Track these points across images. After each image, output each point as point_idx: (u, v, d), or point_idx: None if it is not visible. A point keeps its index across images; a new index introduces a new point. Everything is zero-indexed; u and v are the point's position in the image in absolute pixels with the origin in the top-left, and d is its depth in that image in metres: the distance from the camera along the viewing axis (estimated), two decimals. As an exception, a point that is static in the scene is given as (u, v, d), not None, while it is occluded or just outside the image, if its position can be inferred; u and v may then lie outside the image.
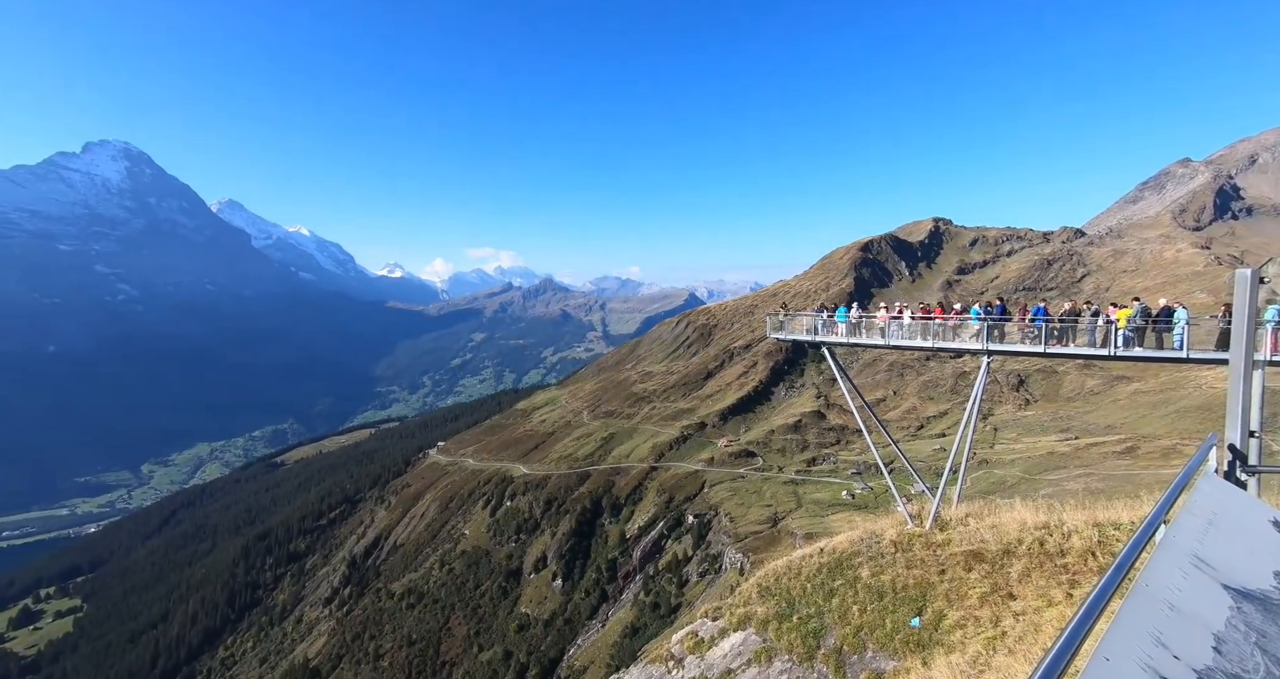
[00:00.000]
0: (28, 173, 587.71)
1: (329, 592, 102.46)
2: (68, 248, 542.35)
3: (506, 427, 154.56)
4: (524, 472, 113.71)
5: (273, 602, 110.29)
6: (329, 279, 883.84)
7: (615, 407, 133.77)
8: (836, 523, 49.69)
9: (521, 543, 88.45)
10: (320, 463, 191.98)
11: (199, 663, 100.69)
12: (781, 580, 14.79)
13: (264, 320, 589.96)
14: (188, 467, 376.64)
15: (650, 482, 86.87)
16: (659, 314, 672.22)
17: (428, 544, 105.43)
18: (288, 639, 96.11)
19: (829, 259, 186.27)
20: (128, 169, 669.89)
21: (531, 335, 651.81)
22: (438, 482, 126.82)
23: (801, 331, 19.42)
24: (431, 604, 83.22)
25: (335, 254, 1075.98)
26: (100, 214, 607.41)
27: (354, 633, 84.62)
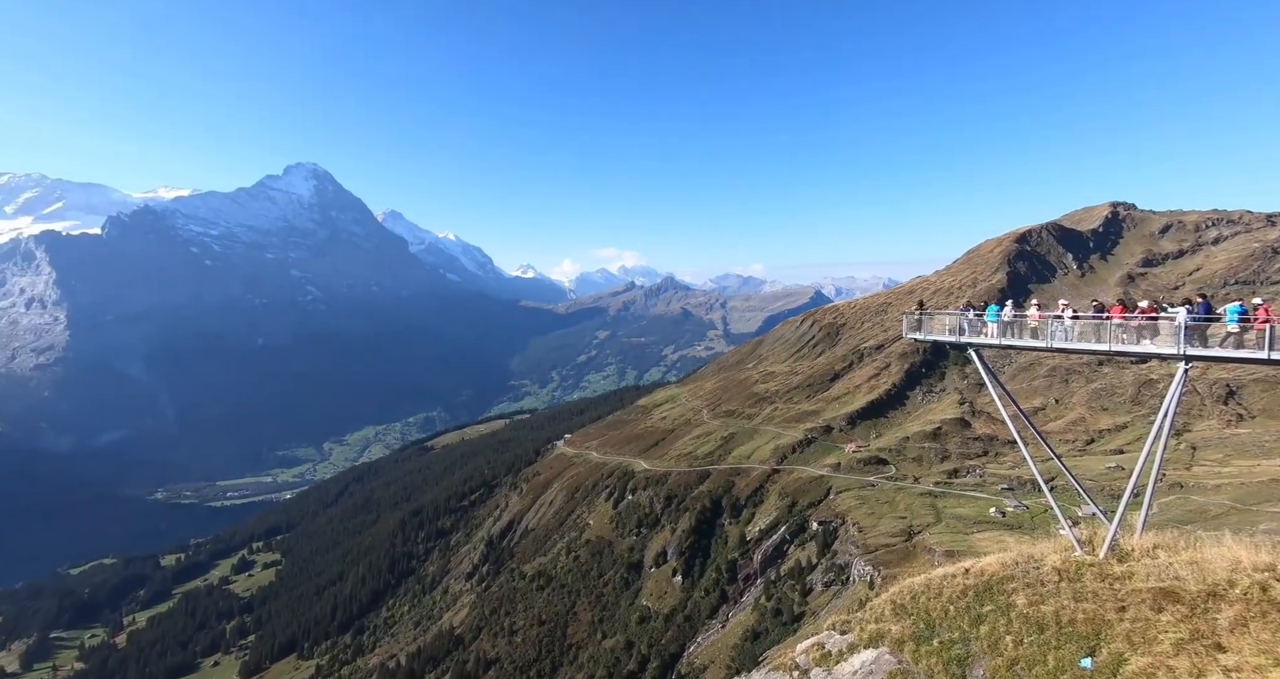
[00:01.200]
0: (246, 194, 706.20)
1: (470, 568, 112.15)
2: (273, 256, 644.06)
3: (628, 422, 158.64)
4: (645, 467, 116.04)
5: (424, 572, 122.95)
6: (471, 280, 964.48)
7: (735, 406, 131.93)
8: (983, 543, 44.99)
9: (642, 537, 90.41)
10: (463, 449, 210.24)
11: (367, 619, 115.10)
12: (919, 599, 13.70)
13: (418, 318, 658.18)
14: (358, 446, 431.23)
15: (772, 484, 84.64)
16: (782, 312, 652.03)
17: (555, 531, 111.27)
18: (436, 607, 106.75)
19: (976, 253, 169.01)
20: (315, 187, 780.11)
21: (652, 333, 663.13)
22: (564, 472, 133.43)
23: (943, 332, 17.78)
24: (559, 588, 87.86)
25: (476, 257, 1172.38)
26: (295, 226, 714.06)
27: (491, 607, 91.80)
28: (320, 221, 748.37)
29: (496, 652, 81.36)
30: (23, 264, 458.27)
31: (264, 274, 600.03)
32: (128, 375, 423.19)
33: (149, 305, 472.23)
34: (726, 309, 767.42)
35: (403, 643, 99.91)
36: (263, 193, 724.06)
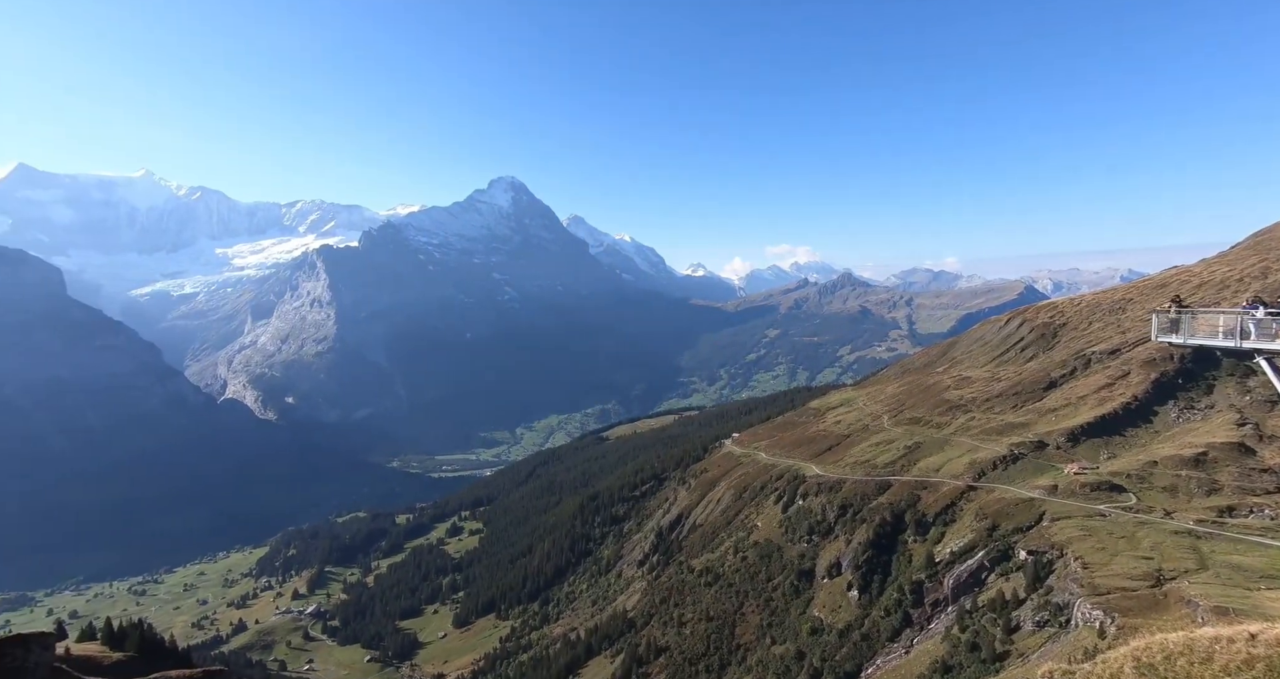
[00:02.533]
0: (459, 207, 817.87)
1: (641, 556, 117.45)
2: (478, 261, 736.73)
3: (799, 424, 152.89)
4: (817, 472, 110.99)
5: (600, 555, 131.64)
6: (644, 279, 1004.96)
7: (922, 413, 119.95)
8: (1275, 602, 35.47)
9: (814, 545, 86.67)
10: (636, 441, 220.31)
11: (551, 591, 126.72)
12: (1177, 664, 11.26)
13: (597, 316, 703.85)
14: (544, 432, 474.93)
15: (966, 502, 75.50)
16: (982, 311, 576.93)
17: (723, 529, 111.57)
18: (611, 589, 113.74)
19: (1270, 235, 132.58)
20: (512, 198, 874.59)
21: (827, 332, 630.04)
22: (732, 471, 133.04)
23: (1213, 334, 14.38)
24: (726, 587, 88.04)
25: (649, 257, 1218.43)
26: (496, 234, 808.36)
27: (661, 597, 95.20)
28: (515, 228, 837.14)
29: (666, 640, 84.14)
30: (308, 272, 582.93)
31: (471, 277, 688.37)
32: (374, 363, 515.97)
33: (388, 305, 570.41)
34: (912, 307, 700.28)
35: (582, 618, 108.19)
36: (472, 205, 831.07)
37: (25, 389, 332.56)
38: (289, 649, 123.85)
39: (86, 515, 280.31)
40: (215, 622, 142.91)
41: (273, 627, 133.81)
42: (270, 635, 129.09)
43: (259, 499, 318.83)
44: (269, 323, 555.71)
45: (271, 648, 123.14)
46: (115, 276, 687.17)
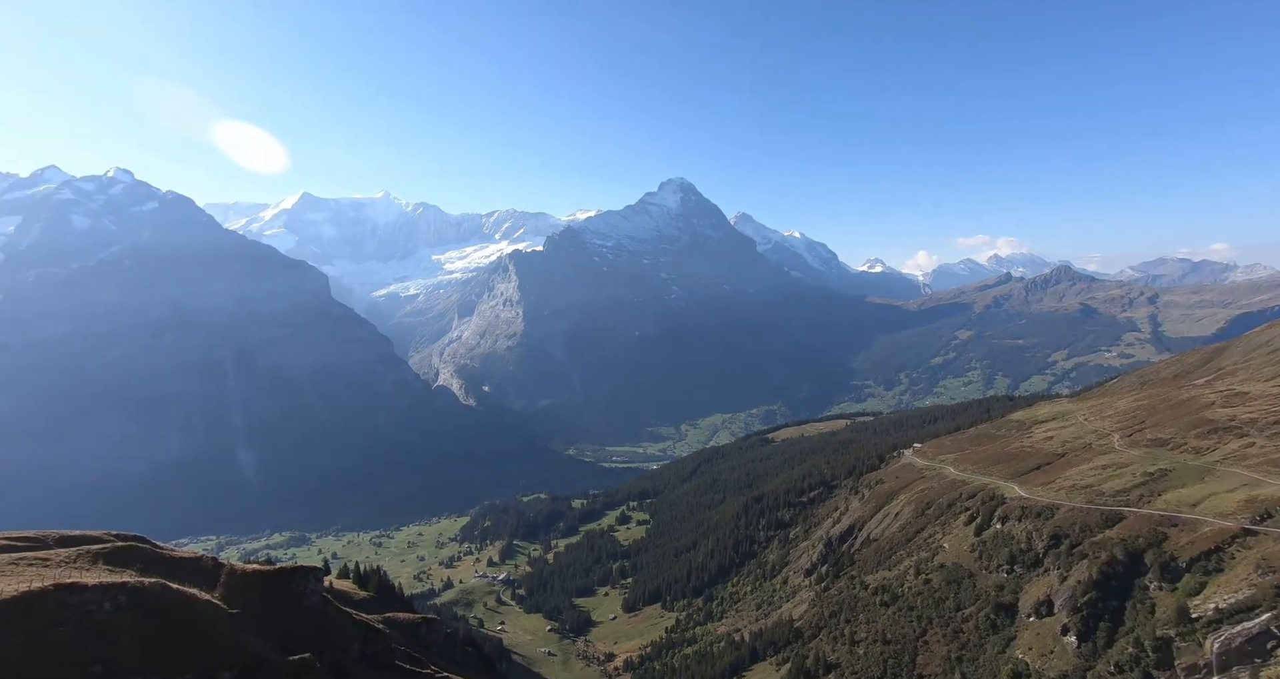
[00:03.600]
0: (631, 210, 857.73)
1: (809, 564, 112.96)
2: (647, 262, 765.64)
3: (997, 438, 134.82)
4: (1020, 494, 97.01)
5: (764, 558, 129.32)
6: (814, 276, 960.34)
7: (1171, 434, 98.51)
8: None
9: (1016, 576, 75.92)
10: (802, 445, 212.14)
11: (714, 589, 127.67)
12: None
13: (763, 315, 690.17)
14: (708, 431, 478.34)
15: (1240, 549, 60.43)
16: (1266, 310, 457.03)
17: (901, 546, 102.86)
18: (776, 595, 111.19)
19: None
20: (681, 199, 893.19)
21: (1034, 334, 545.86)
22: (912, 484, 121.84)
23: None
24: (906, 609, 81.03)
25: (820, 253, 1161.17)
26: (664, 235, 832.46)
27: (831, 610, 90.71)
28: (683, 229, 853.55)
29: (837, 657, 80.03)
30: (501, 275, 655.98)
31: (640, 277, 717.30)
32: (555, 357, 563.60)
33: (568, 303, 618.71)
34: (1157, 305, 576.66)
35: (746, 620, 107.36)
36: (642, 208, 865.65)
37: (303, 372, 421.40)
38: (485, 609, 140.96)
39: (342, 476, 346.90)
40: (430, 576, 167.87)
41: (472, 588, 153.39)
42: (470, 595, 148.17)
43: (462, 473, 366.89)
44: (471, 320, 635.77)
45: (471, 606, 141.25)
46: (362, 281, 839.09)
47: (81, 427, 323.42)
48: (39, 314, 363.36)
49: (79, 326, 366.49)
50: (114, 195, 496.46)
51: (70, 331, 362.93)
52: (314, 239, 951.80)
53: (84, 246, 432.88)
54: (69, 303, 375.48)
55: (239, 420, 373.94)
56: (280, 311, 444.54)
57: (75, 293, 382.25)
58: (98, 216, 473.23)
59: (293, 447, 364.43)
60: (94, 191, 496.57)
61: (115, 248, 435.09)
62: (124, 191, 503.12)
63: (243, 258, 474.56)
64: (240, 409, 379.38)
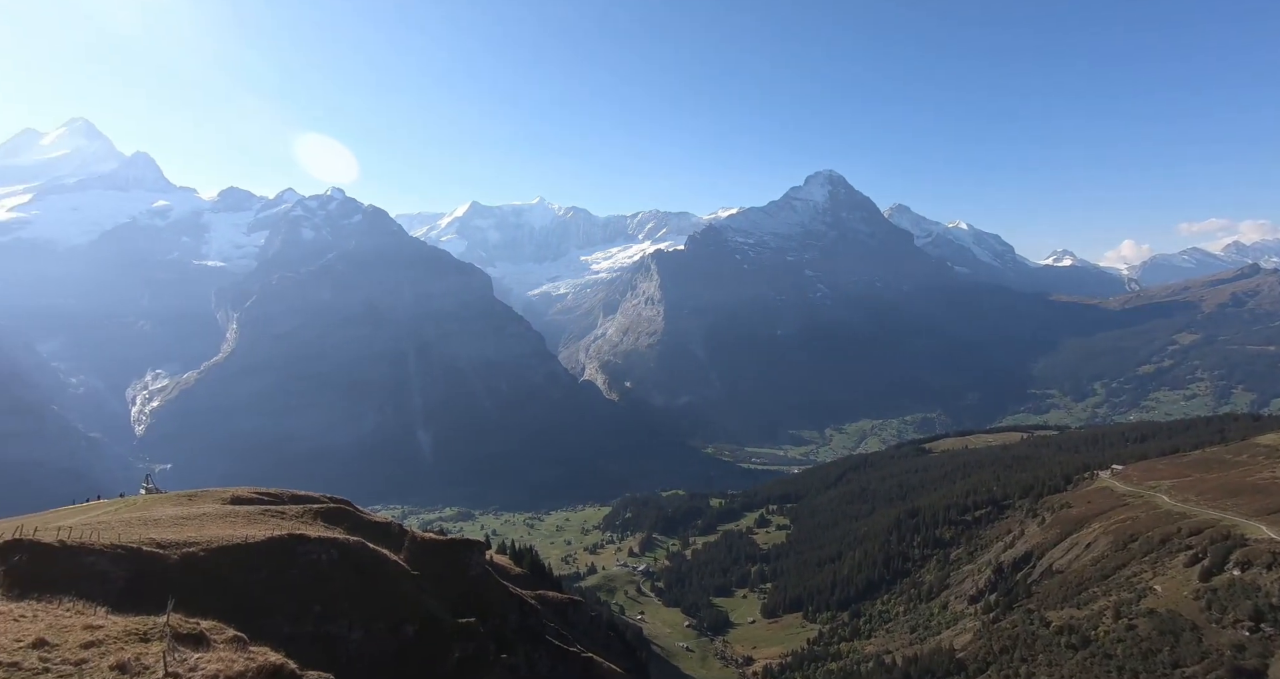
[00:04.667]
0: (774, 206, 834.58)
1: (974, 590, 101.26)
2: (791, 259, 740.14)
3: (1236, 465, 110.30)
4: (1270, 536, 78.40)
5: (920, 578, 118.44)
6: (984, 272, 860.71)
7: None
8: None
9: (1264, 638, 61.24)
10: (966, 457, 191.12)
11: (862, 604, 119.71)
12: None
13: (919, 314, 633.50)
14: (855, 436, 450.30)
15: None
16: None
17: (1095, 583, 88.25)
18: (934, 620, 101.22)
19: None
20: (829, 192, 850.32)
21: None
22: (1110, 512, 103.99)
23: None
24: (1102, 658, 69.21)
25: (993, 245, 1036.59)
26: (810, 230, 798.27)
27: (1001, 645, 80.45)
28: (831, 223, 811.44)
29: (1008, 699, 70.90)
30: (644, 274, 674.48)
31: (783, 274, 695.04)
32: (695, 355, 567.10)
33: (708, 302, 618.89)
34: None
35: (898, 643, 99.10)
36: (787, 203, 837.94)
37: (469, 363, 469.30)
38: (626, 598, 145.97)
39: (499, 459, 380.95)
40: (575, 560, 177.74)
41: (614, 575, 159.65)
42: (612, 582, 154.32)
43: (604, 465, 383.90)
44: (615, 318, 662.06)
45: (613, 593, 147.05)
46: (520, 281, 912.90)
47: (306, 404, 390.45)
48: (280, 310, 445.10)
49: (305, 321, 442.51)
50: (330, 210, 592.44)
51: (299, 325, 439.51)
52: (481, 243, 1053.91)
53: (309, 254, 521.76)
54: (299, 301, 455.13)
55: (418, 404, 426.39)
56: (452, 309, 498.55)
57: (303, 293, 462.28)
58: (319, 229, 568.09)
59: (460, 430, 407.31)
60: (316, 208, 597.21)
61: (330, 255, 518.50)
62: (337, 207, 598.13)
63: (423, 261, 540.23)
64: (419, 394, 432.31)
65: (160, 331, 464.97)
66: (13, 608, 19.22)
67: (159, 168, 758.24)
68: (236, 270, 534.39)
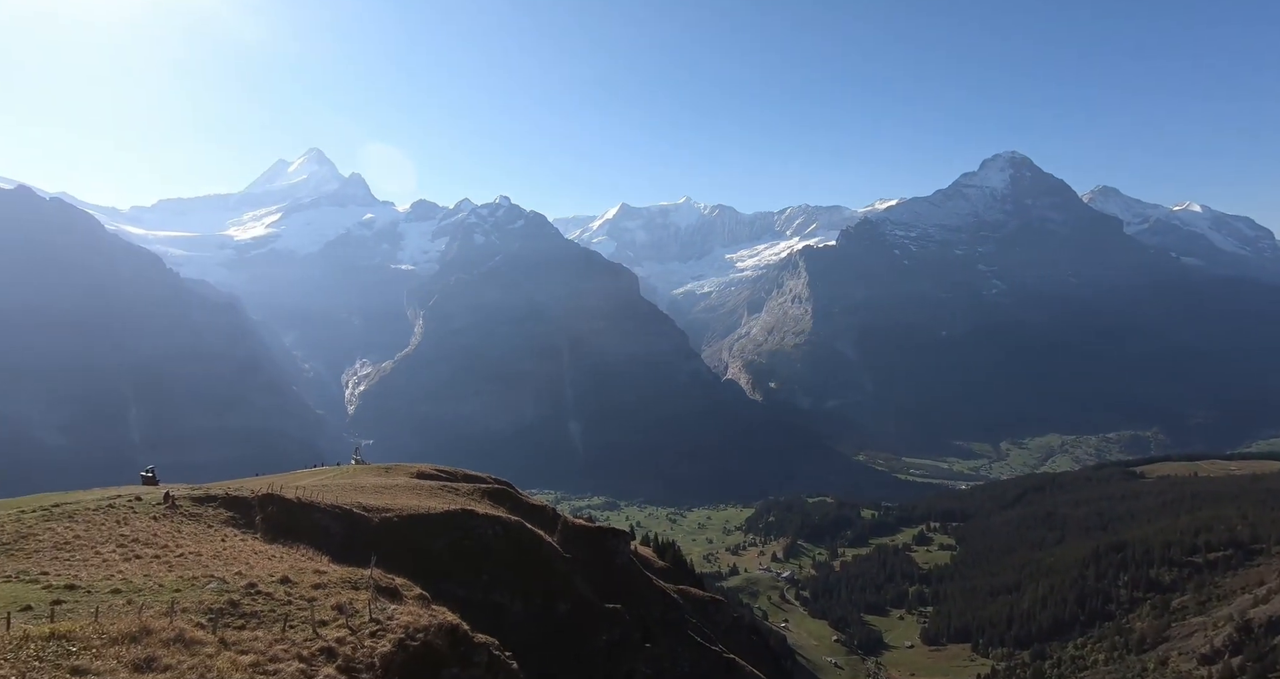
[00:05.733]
0: (941, 195, 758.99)
1: (1208, 649, 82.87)
2: (960, 252, 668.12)
3: None
4: None
5: (1128, 625, 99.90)
6: (1224, 262, 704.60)
7: None
8: None
9: None
10: (1194, 487, 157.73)
11: (1048, 645, 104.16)
12: None
13: (1126, 313, 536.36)
14: (1039, 453, 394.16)
15: None
16: None
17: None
18: (1149, 676, 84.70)
19: None
20: (1011, 176, 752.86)
21: None
22: None
23: None
24: None
25: (1240, 231, 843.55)
26: (985, 220, 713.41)
27: (1246, 722, 65.03)
28: (1012, 212, 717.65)
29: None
30: (791, 271, 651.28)
31: (950, 269, 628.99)
32: (845, 356, 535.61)
33: (861, 300, 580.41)
34: None
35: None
36: (957, 192, 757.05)
37: (616, 360, 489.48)
38: (769, 603, 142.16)
39: (642, 454, 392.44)
40: (717, 559, 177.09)
41: (756, 579, 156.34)
42: (754, 585, 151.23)
43: (746, 466, 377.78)
44: (759, 317, 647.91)
45: (756, 596, 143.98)
46: (665, 280, 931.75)
47: (474, 393, 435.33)
48: (455, 308, 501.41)
49: (475, 318, 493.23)
50: (498, 217, 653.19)
51: (471, 322, 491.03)
52: (629, 244, 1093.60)
53: (479, 257, 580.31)
54: (471, 300, 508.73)
55: (570, 397, 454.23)
56: (601, 307, 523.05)
57: (474, 293, 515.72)
58: (489, 234, 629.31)
59: (607, 423, 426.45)
60: (486, 215, 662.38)
61: (498, 258, 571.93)
62: (504, 213, 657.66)
63: (575, 262, 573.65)
64: (571, 388, 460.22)
65: (366, 326, 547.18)
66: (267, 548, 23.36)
67: (367, 185, 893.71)
68: (423, 273, 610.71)
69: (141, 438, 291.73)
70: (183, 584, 16.02)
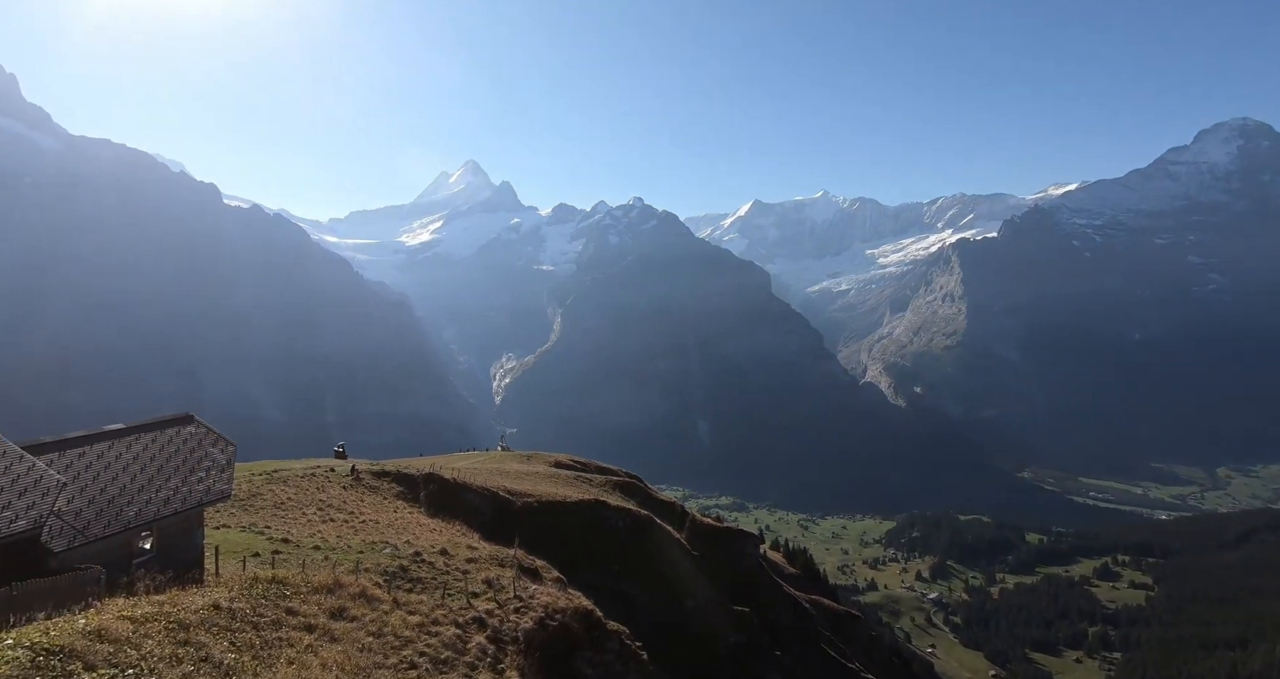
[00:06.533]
0: (1138, 175, 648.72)
1: None
2: (1162, 241, 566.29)
3: None
4: None
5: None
6: None
7: None
8: None
9: None
10: None
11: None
12: None
13: None
14: (1272, 483, 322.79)
15: None
16: None
17: None
18: None
19: None
20: (1239, 148, 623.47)
21: None
22: None
23: None
24: None
25: None
26: (1199, 203, 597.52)
27: None
28: (1238, 192, 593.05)
29: None
30: (942, 267, 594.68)
31: (1147, 261, 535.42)
32: (1007, 361, 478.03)
33: (1027, 298, 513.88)
34: None
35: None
36: (1161, 170, 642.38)
37: (746, 359, 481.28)
38: (913, 625, 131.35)
39: (771, 455, 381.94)
40: (853, 572, 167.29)
41: (898, 597, 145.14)
42: (896, 604, 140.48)
43: (886, 475, 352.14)
44: (904, 316, 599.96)
45: (898, 616, 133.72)
46: (798, 278, 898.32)
47: (606, 389, 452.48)
48: (590, 307, 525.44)
49: (608, 317, 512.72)
50: (631, 217, 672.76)
51: (604, 321, 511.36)
52: (760, 241, 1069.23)
53: (612, 258, 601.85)
54: (604, 299, 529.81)
55: (698, 396, 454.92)
56: (731, 305, 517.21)
57: (607, 292, 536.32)
58: (622, 235, 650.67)
59: (736, 423, 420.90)
60: (620, 216, 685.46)
61: (629, 258, 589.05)
62: (637, 214, 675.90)
63: (705, 260, 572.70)
64: (699, 386, 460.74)
65: (511, 323, 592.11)
66: (429, 521, 26.15)
67: (515, 192, 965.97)
68: (561, 273, 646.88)
69: (334, 418, 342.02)
70: (365, 547, 18.53)
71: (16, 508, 10.70)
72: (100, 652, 7.16)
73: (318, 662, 9.10)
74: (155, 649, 7.76)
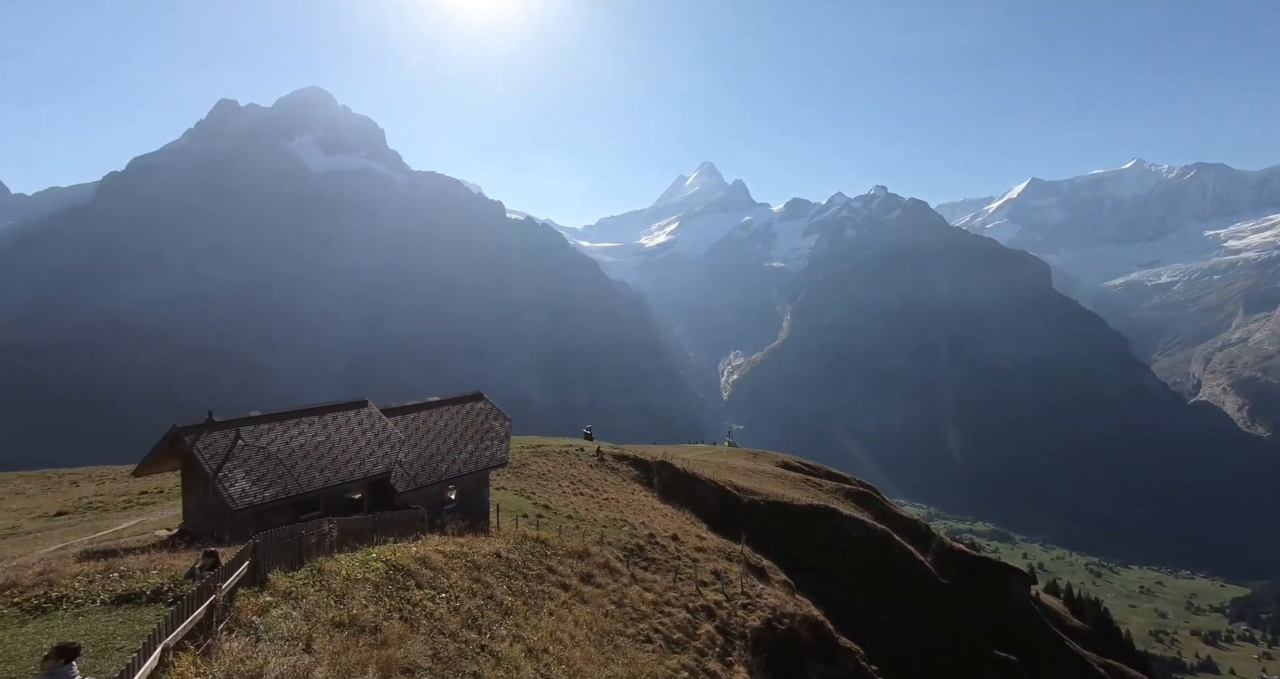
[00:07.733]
0: None
1: None
2: None
3: None
4: None
5: None
6: None
7: None
8: None
9: None
10: None
11: None
12: None
13: None
14: None
15: None
16: None
17: None
18: None
19: None
20: None
21: None
22: None
23: None
24: None
25: None
26: None
27: None
28: None
29: None
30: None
31: None
32: None
33: None
34: None
35: None
36: None
37: (1012, 363, 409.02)
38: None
39: (1043, 479, 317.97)
40: (1176, 642, 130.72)
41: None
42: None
43: (1226, 524, 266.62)
44: (1264, 318, 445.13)
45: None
46: (1091, 269, 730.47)
47: (839, 389, 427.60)
48: (823, 304, 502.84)
49: (843, 314, 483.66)
50: (872, 208, 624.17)
51: (839, 318, 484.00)
52: (1037, 226, 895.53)
53: (849, 251, 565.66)
54: (839, 295, 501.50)
55: (948, 400, 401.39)
56: (994, 302, 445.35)
57: (843, 287, 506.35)
58: (860, 227, 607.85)
59: (997, 437, 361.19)
60: (859, 207, 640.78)
61: (869, 251, 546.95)
62: (879, 204, 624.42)
63: (962, 252, 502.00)
64: (950, 391, 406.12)
65: (739, 320, 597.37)
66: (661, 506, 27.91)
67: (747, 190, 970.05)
68: (792, 270, 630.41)
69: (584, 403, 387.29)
70: (608, 522, 20.58)
71: (378, 456, 14.58)
72: (425, 575, 9.30)
73: (572, 618, 10.44)
74: (459, 581, 9.76)
